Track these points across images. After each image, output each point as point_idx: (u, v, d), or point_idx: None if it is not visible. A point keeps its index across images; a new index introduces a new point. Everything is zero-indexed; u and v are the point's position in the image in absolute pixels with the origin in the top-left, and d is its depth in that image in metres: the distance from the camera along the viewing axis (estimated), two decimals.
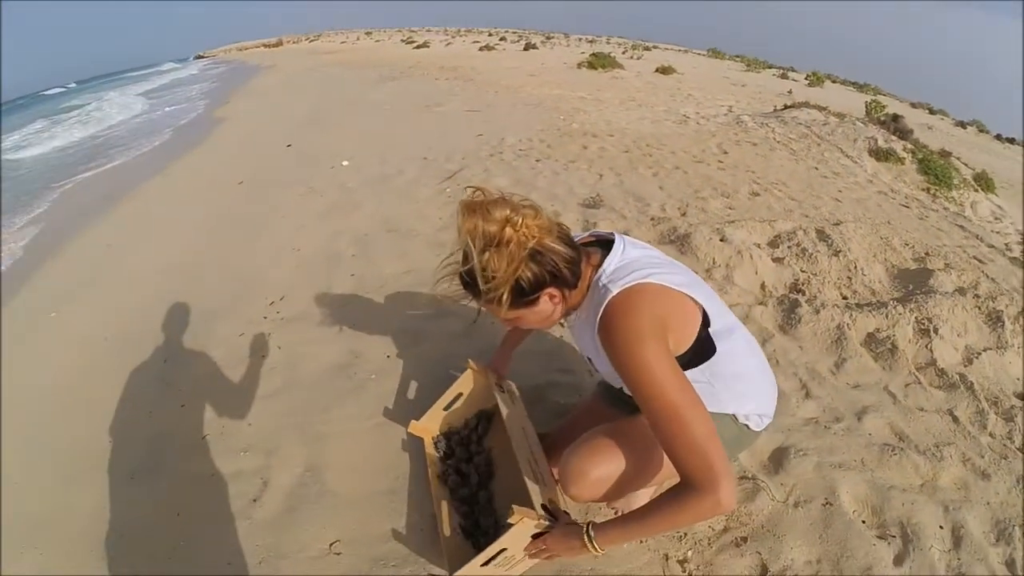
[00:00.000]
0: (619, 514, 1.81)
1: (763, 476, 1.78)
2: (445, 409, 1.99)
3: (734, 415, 1.38)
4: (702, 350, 1.31)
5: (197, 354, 2.89)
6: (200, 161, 7.12)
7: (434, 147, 5.97)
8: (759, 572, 1.44)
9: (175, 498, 2.10)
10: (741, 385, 1.38)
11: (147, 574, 1.87)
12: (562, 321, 1.46)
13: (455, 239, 1.20)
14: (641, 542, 1.60)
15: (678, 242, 3.62)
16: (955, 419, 2.06)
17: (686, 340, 1.28)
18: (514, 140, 6.49)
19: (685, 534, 1.58)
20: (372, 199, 4.56)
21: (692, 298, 1.27)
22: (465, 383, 1.94)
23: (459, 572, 1.45)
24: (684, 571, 1.48)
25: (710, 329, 1.32)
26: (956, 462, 1.86)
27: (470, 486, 1.82)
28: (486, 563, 1.37)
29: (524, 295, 1.22)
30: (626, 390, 1.32)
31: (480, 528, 1.69)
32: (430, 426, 2.01)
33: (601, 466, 1.36)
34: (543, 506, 1.37)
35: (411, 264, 3.39)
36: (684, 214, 4.29)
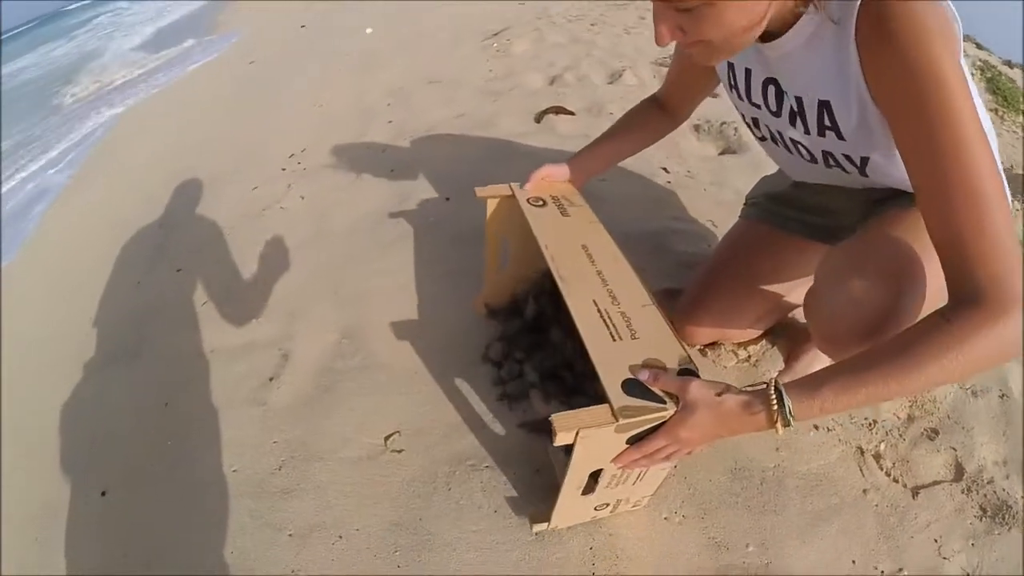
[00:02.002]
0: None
1: None
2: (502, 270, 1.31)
3: None
4: None
5: (200, 215, 2.26)
6: (202, 55, 6.40)
7: (470, 11, 5.12)
8: (955, 473, 1.12)
9: (162, 385, 1.52)
10: None
11: (121, 489, 1.29)
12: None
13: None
14: (828, 429, 1.15)
15: None
16: None
17: None
18: (561, 8, 5.64)
19: (874, 422, 1.17)
20: (404, 58, 3.80)
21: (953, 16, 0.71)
22: (499, 221, 1.20)
23: (556, 514, 0.94)
24: (881, 469, 1.11)
25: None
26: None
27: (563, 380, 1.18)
28: (588, 491, 0.88)
29: None
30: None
31: None
32: (499, 297, 1.35)
33: (904, 285, 0.75)
34: (629, 384, 0.73)
35: (462, 109, 2.66)
36: None
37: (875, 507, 1.03)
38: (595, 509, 0.96)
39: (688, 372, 0.75)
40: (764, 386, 0.68)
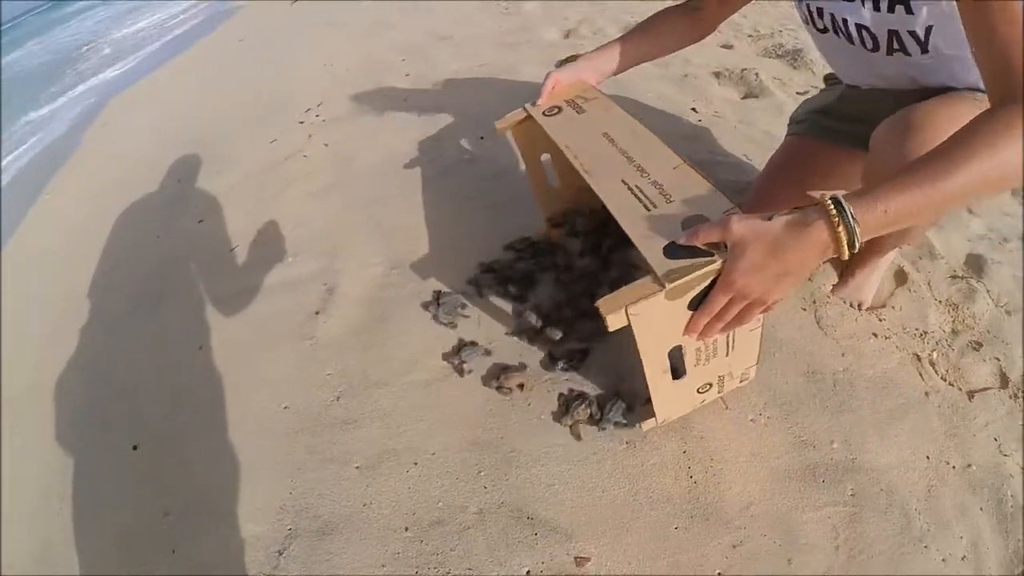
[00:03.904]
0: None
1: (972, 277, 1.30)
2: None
3: None
4: None
5: (216, 171, 2.17)
6: (189, 37, 6.24)
7: None
8: (1000, 382, 1.12)
9: (193, 329, 1.44)
10: None
11: (155, 441, 1.21)
12: None
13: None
14: (886, 338, 1.13)
15: (788, 57, 2.82)
16: None
17: None
18: None
19: (924, 333, 1.16)
20: (410, 20, 3.70)
21: None
22: (530, 144, 1.15)
23: (659, 407, 0.92)
24: (937, 374, 1.13)
25: None
26: None
27: None
28: (679, 375, 0.85)
29: None
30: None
31: None
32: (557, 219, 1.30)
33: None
34: (671, 248, 0.69)
35: (482, 60, 2.57)
36: (781, 31, 3.46)
37: (938, 408, 1.03)
38: (698, 392, 0.92)
39: (730, 214, 0.69)
40: (831, 203, 0.60)
